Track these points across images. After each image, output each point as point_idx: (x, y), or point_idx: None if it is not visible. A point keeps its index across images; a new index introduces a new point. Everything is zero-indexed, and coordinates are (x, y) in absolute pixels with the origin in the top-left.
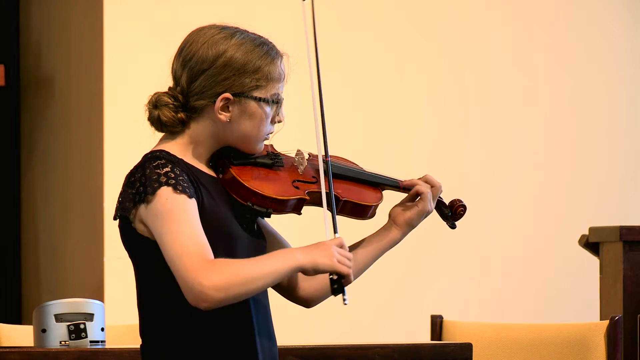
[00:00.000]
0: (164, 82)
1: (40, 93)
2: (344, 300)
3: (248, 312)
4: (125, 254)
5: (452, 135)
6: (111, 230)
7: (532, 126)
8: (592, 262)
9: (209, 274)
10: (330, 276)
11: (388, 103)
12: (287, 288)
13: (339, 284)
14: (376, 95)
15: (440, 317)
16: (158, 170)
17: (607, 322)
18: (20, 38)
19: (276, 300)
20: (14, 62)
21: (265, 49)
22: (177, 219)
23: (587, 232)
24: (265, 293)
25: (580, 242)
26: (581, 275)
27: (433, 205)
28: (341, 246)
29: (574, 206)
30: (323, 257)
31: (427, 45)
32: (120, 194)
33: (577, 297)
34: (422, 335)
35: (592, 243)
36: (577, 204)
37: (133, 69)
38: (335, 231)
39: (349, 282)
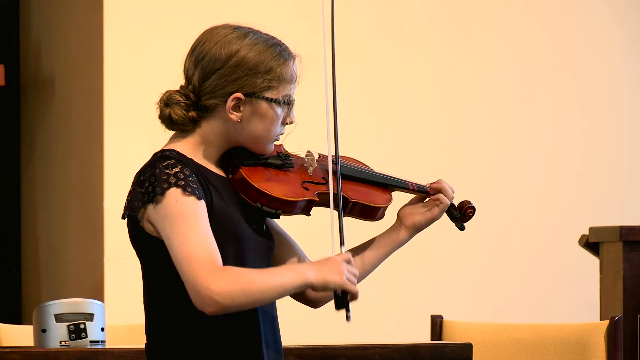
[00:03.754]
0: (164, 81)
1: (40, 93)
2: (348, 317)
3: (255, 313)
4: (126, 253)
5: (453, 136)
6: (111, 230)
7: (532, 127)
8: (592, 262)
9: (217, 279)
10: (335, 291)
11: (393, 104)
12: None
13: (344, 300)
14: (381, 96)
15: (440, 317)
16: (168, 171)
17: (607, 322)
18: (20, 38)
19: (276, 300)
20: (14, 62)
21: (278, 50)
22: (186, 222)
23: (587, 232)
24: None
25: (580, 242)
26: (581, 275)
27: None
28: (349, 262)
29: (574, 206)
30: (333, 274)
31: (429, 45)
32: (129, 193)
33: (577, 297)
34: (422, 335)
35: (592, 243)
36: (577, 204)
37: (133, 69)
38: (342, 243)
39: (355, 299)
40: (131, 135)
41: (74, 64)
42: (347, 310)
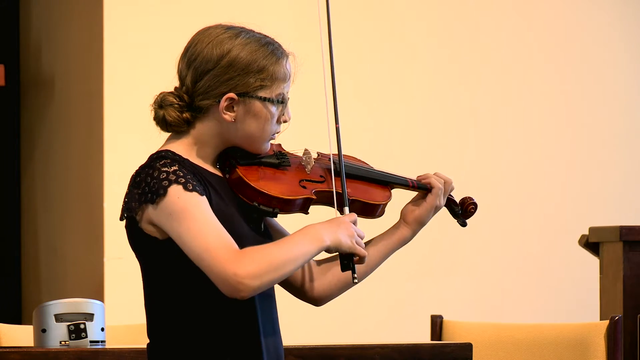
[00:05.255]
0: (164, 81)
1: (40, 93)
2: (354, 278)
3: (253, 310)
4: (126, 253)
5: (453, 136)
6: (111, 230)
7: (533, 126)
8: (592, 262)
9: (241, 264)
10: (341, 253)
11: (394, 102)
12: (297, 287)
13: (350, 262)
14: (382, 93)
15: (440, 317)
16: (166, 169)
17: (607, 322)
18: (20, 38)
19: (277, 300)
20: (14, 62)
21: (270, 49)
22: (194, 216)
23: (587, 232)
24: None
25: (580, 242)
26: (581, 275)
27: (443, 201)
28: (355, 223)
29: (574, 206)
30: (345, 237)
31: (432, 45)
32: (126, 194)
33: (577, 297)
34: (422, 335)
35: (592, 243)
36: (577, 204)
37: (133, 69)
38: (345, 204)
39: (362, 262)
40: (131, 135)
41: (74, 64)
42: (353, 272)
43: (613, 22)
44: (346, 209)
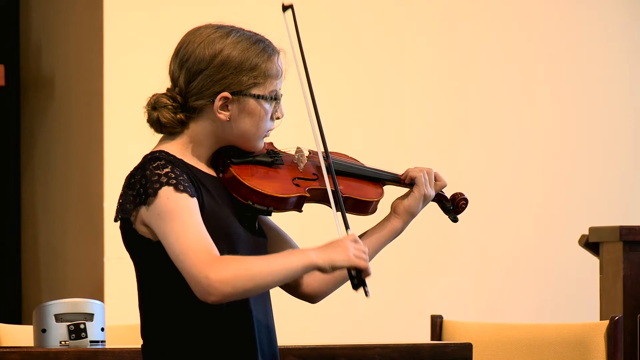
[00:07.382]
0: (164, 81)
1: (40, 93)
2: (366, 292)
3: (248, 310)
4: (126, 254)
5: (452, 135)
6: (111, 230)
7: (532, 126)
8: (592, 262)
9: (215, 268)
10: (349, 272)
11: (388, 101)
12: (291, 284)
13: (358, 278)
14: (376, 92)
15: (440, 317)
16: (158, 171)
17: (607, 322)
18: (20, 38)
19: (277, 300)
20: (14, 62)
21: (261, 46)
22: (180, 218)
23: (587, 232)
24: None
25: (580, 242)
26: (581, 275)
27: (432, 190)
28: (355, 241)
29: (574, 206)
30: (338, 253)
31: (427, 43)
32: (121, 195)
33: (577, 297)
34: (422, 335)
35: (592, 243)
36: (577, 204)
37: (133, 69)
38: (347, 227)
39: (368, 274)
40: (131, 135)
41: (74, 64)
42: (365, 287)
43: (613, 22)
44: (349, 231)
